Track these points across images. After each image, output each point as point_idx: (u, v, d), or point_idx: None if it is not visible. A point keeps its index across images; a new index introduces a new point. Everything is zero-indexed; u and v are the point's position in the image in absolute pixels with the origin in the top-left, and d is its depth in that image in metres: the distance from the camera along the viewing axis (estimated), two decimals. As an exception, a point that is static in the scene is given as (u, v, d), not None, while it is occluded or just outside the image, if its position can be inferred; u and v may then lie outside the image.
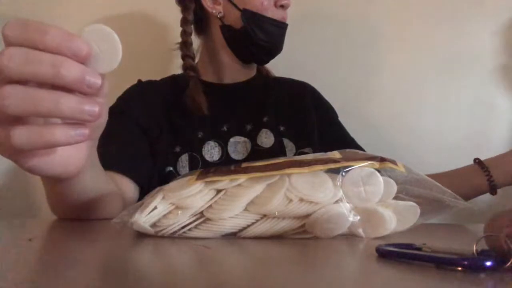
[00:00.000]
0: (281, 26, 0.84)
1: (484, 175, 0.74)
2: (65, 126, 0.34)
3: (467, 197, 0.75)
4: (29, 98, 0.32)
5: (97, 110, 0.34)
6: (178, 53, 0.88)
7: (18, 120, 0.34)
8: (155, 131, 0.80)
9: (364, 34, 1.08)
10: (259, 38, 0.81)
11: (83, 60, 0.33)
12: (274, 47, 0.84)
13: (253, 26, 0.81)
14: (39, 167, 0.39)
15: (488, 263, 0.27)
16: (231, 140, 0.82)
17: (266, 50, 0.84)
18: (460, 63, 1.04)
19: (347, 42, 1.08)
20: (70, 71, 0.32)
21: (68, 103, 0.33)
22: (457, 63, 1.04)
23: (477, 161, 0.76)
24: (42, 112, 0.33)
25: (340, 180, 0.44)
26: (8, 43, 0.33)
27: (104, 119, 0.42)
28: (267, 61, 0.89)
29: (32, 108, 0.33)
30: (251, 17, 0.81)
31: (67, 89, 0.33)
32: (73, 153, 0.41)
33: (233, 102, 0.87)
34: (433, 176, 0.53)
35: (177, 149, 0.79)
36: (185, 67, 0.86)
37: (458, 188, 0.51)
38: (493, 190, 0.75)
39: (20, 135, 0.34)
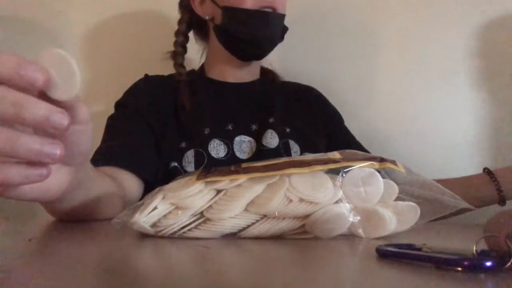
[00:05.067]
0: (262, 16, 0.80)
1: (493, 185, 0.71)
2: (22, 166, 0.32)
3: (475, 207, 0.72)
4: None
5: (58, 152, 0.31)
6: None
7: None
8: (161, 126, 0.79)
9: (364, 35, 1.08)
10: (239, 32, 0.80)
11: (40, 89, 0.31)
12: (258, 38, 0.82)
13: (232, 21, 0.80)
14: (10, 195, 0.36)
15: (488, 263, 0.27)
16: (236, 139, 0.82)
17: (250, 43, 0.82)
18: (460, 62, 1.03)
19: (348, 43, 1.08)
20: (32, 112, 0.30)
21: (26, 144, 0.30)
22: (457, 62, 1.04)
23: (486, 170, 0.73)
24: None
25: (340, 180, 0.44)
26: None
27: (86, 146, 0.40)
28: (261, 55, 0.86)
29: None
30: (230, 13, 0.80)
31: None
32: (50, 180, 0.37)
33: (239, 102, 0.87)
34: (441, 181, 0.52)
35: (183, 144, 0.78)
36: (177, 75, 0.88)
37: (466, 197, 0.48)
38: (502, 201, 0.71)
39: None
